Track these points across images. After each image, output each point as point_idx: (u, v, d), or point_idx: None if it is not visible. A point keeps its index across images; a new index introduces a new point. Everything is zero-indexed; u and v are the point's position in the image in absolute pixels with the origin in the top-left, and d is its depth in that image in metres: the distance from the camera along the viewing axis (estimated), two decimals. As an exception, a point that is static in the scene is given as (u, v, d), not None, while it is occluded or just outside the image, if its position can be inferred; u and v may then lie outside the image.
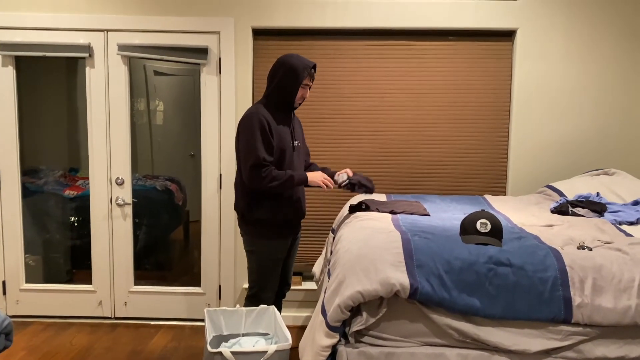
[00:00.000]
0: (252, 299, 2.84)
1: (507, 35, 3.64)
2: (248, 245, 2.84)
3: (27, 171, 3.93)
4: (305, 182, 2.77)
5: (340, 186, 2.84)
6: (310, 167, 3.11)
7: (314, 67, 2.77)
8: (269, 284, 2.84)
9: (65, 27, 3.57)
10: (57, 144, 4.14)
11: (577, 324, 2.04)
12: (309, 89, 2.82)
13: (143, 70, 4.14)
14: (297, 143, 2.87)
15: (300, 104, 2.84)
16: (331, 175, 2.94)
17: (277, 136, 2.72)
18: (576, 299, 2.01)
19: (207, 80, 3.65)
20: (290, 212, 2.83)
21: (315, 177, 2.78)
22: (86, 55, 3.58)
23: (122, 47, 3.57)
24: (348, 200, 3.72)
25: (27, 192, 3.90)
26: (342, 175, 2.85)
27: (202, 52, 3.58)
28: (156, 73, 4.20)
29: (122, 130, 3.69)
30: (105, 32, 3.60)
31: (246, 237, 2.84)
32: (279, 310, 3.03)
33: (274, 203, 2.76)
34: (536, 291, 2.03)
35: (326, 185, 2.78)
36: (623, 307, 2.00)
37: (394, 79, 3.68)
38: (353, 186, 2.81)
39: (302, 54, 3.65)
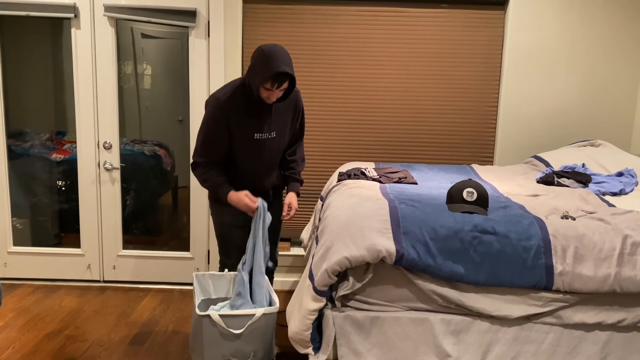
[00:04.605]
0: (220, 264, 2.86)
1: (500, 3, 3.61)
2: (210, 208, 2.84)
3: (13, 134, 3.88)
4: (223, 197, 2.59)
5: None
6: (289, 167, 2.83)
7: (284, 74, 2.36)
8: (229, 250, 2.79)
9: (49, -15, 3.48)
10: (43, 107, 4.08)
11: (558, 291, 2.09)
12: (282, 90, 2.47)
13: (130, 33, 4.05)
14: (270, 134, 2.62)
15: (278, 101, 2.54)
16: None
17: (235, 128, 2.53)
18: (558, 267, 2.06)
19: (196, 44, 3.59)
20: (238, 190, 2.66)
21: (236, 200, 2.56)
22: (72, 15, 3.50)
23: (108, 8, 3.49)
24: (337, 168, 3.73)
25: (13, 155, 3.86)
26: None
27: (191, 14, 3.52)
28: (144, 36, 4.12)
29: (109, 94, 3.63)
30: (91, -8, 3.51)
31: (209, 201, 2.84)
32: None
33: None
34: (519, 259, 2.07)
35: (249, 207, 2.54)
36: (603, 275, 2.05)
37: (385, 45, 3.64)
38: None
39: (292, 19, 3.59)
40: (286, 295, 3.70)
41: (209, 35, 3.57)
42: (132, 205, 3.99)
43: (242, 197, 2.55)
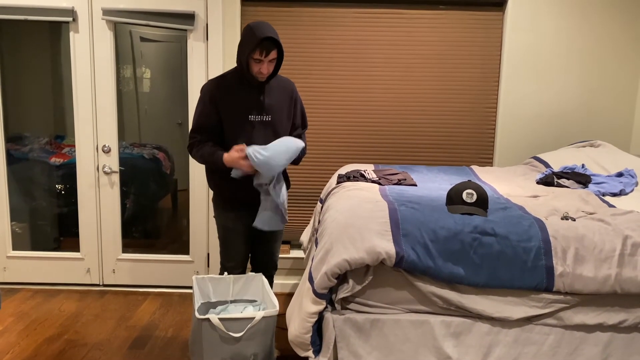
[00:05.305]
0: (221, 266, 2.86)
1: (498, 5, 3.60)
2: (213, 211, 2.85)
3: (12, 138, 3.87)
4: (220, 163, 2.53)
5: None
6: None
7: (270, 39, 2.40)
8: (229, 254, 2.80)
9: (47, -11, 3.48)
10: (42, 111, 4.07)
11: (558, 292, 2.09)
12: (271, 62, 2.49)
13: (129, 36, 4.05)
14: (265, 117, 2.61)
15: (270, 78, 2.58)
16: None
17: (227, 108, 2.57)
18: (558, 268, 2.06)
19: (194, 47, 3.59)
20: (237, 191, 2.66)
21: (229, 160, 2.50)
22: (70, 19, 3.50)
23: (107, 12, 3.49)
24: (336, 170, 3.73)
25: (12, 159, 3.85)
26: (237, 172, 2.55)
27: (189, 17, 3.52)
28: (142, 39, 4.12)
29: (108, 98, 3.63)
30: (90, -5, 3.51)
31: (212, 204, 2.85)
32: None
33: (219, 180, 2.70)
34: (520, 260, 2.07)
35: (243, 159, 2.46)
36: (603, 276, 2.05)
37: (383, 47, 3.64)
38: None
39: (290, 21, 3.59)
40: (286, 298, 3.70)
41: (207, 38, 3.57)
42: (131, 208, 3.98)
43: (232, 153, 2.50)
